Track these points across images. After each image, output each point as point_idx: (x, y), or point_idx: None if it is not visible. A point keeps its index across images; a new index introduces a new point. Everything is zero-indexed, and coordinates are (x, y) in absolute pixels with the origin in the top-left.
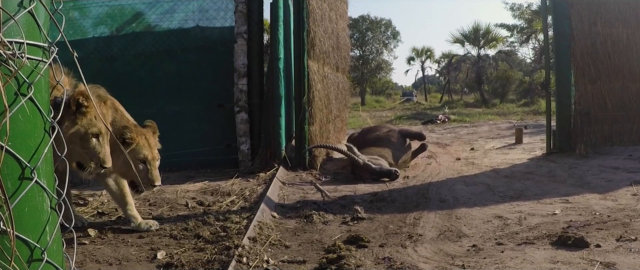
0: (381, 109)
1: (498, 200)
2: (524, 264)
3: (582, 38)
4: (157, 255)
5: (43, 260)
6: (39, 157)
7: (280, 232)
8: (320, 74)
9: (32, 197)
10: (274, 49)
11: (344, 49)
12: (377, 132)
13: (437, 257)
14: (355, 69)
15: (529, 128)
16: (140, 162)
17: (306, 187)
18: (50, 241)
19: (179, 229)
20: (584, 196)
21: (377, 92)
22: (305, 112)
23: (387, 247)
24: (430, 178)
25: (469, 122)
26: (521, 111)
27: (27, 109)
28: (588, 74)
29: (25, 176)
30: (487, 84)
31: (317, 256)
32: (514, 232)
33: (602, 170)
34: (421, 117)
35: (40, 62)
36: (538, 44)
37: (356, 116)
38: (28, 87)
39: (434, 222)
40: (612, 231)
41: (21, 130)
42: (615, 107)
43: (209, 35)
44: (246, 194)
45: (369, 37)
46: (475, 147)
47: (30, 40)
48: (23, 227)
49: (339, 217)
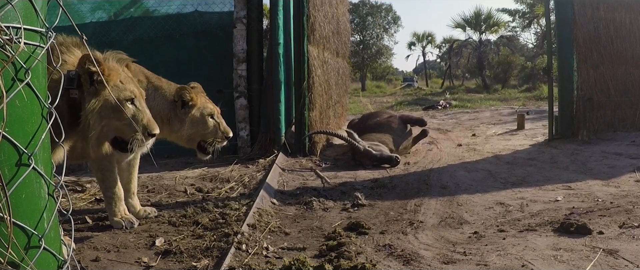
0: (382, 94)
1: (500, 187)
2: (526, 251)
3: (585, 23)
4: (156, 242)
5: (40, 247)
6: (37, 143)
7: (279, 219)
8: (321, 59)
9: (30, 183)
10: (274, 34)
11: (344, 34)
12: (377, 118)
13: (438, 244)
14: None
15: (531, 114)
16: (209, 117)
17: (306, 174)
18: (47, 228)
19: (177, 215)
20: (586, 182)
21: (378, 77)
22: (305, 98)
23: (387, 234)
24: (431, 164)
25: (471, 108)
26: (523, 97)
27: (25, 95)
28: (590, 59)
29: (22, 162)
30: (488, 70)
31: (317, 243)
32: (516, 219)
33: (605, 156)
34: (422, 102)
35: (37, 48)
36: (540, 29)
37: (356, 102)
38: (25, 72)
39: (435, 208)
40: (615, 218)
41: (18, 116)
42: (618, 92)
43: (208, 20)
44: (245, 181)
45: (370, 21)
46: (476, 133)
47: (28, 25)
48: (20, 214)
49: (339, 204)
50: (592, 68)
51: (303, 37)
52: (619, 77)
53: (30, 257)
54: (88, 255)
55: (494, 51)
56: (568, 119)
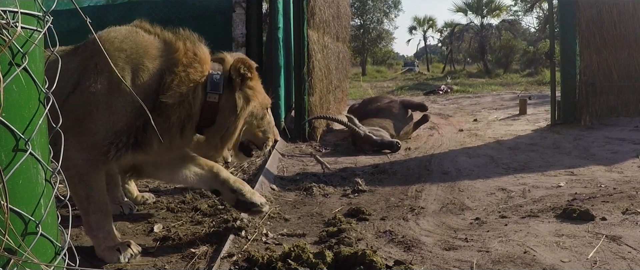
0: (382, 79)
1: (501, 173)
2: (528, 237)
3: (588, 7)
4: (154, 229)
5: (38, 234)
6: (34, 128)
7: (279, 205)
8: (321, 44)
9: (27, 169)
10: (273, 18)
11: (344, 18)
12: (378, 103)
13: (439, 230)
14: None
15: (533, 99)
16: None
17: (306, 159)
18: (44, 214)
19: (176, 202)
20: (589, 168)
21: (378, 62)
22: (305, 83)
23: (388, 220)
24: (432, 150)
25: (472, 93)
26: (525, 81)
27: (22, 79)
28: (593, 43)
29: (19, 148)
30: (490, 54)
31: (317, 229)
32: (518, 205)
33: (608, 141)
34: (423, 87)
35: (34, 32)
36: (542, 12)
37: (357, 87)
38: (22, 57)
39: (436, 194)
40: (618, 204)
41: (15, 101)
42: (621, 77)
43: (207, 4)
44: (244, 166)
45: (370, 5)
46: (478, 118)
47: (25, 9)
48: (17, 200)
49: (339, 190)
50: (595, 52)
51: (303, 21)
52: (622, 62)
53: (27, 243)
54: (85, 242)
55: (495, 35)
56: (571, 104)
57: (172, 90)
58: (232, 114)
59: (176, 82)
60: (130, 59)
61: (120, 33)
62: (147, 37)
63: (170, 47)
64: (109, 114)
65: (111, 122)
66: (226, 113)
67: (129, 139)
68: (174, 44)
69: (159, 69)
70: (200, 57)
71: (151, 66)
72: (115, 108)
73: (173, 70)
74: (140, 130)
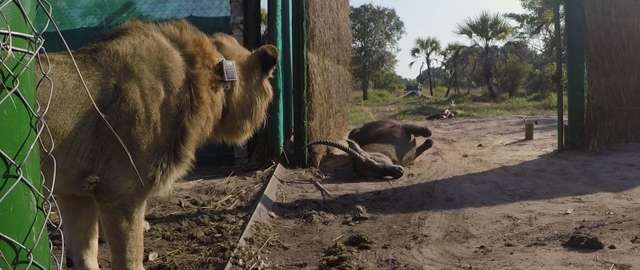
0: (384, 103)
1: (507, 199)
2: (535, 266)
3: (596, 29)
4: (149, 257)
5: (29, 262)
6: (25, 154)
7: (278, 232)
8: (320, 67)
9: (18, 196)
10: (272, 40)
11: (345, 40)
12: (380, 128)
13: (443, 258)
14: (357, 61)
15: (540, 123)
16: None
17: (305, 186)
18: (36, 242)
19: (171, 229)
20: (597, 195)
21: (380, 85)
22: (304, 107)
23: (390, 249)
24: (435, 176)
25: (477, 117)
26: (531, 105)
27: (13, 103)
28: (602, 66)
29: (10, 174)
30: (495, 77)
31: (317, 258)
32: (524, 233)
33: (617, 167)
34: (426, 111)
35: (26, 54)
36: (549, 34)
37: (358, 111)
38: (13, 80)
39: (439, 222)
40: (627, 232)
41: (6, 126)
42: (630, 101)
43: (204, 25)
44: (242, 193)
45: (372, 27)
46: (483, 143)
47: (16, 31)
48: (8, 228)
49: (340, 217)
50: (603, 76)
51: (302, 44)
52: (631, 85)
53: None
54: None
55: (501, 58)
56: (578, 128)
57: (199, 85)
58: (236, 100)
59: (201, 77)
60: (153, 66)
61: (130, 44)
62: (157, 36)
63: (179, 42)
64: (152, 130)
65: (153, 139)
66: (253, 95)
67: (169, 155)
68: (181, 38)
69: (181, 68)
70: (204, 46)
71: (172, 66)
72: (155, 121)
73: (193, 65)
74: (178, 142)
